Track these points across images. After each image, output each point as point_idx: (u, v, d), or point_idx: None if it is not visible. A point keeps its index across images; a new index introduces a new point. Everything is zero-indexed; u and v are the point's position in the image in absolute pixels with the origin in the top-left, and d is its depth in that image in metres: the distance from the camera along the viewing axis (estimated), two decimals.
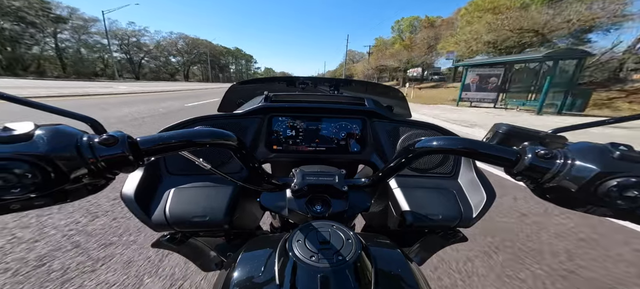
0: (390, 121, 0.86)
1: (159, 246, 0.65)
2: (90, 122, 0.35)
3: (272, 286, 0.36)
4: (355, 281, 0.34)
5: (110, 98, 12.18)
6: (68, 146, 0.30)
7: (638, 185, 0.28)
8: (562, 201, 0.35)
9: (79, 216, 2.16)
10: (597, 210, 0.33)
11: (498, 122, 0.42)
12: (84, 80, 35.41)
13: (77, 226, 2.03)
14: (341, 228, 0.42)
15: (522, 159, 0.35)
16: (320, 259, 0.35)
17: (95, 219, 2.14)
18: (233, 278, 0.40)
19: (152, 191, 0.65)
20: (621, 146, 0.31)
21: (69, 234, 1.92)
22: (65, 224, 2.03)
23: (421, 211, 0.64)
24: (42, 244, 1.79)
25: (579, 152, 0.32)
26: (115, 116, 7.16)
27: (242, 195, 0.71)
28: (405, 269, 0.42)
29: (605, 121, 0.38)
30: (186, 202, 0.63)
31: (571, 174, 0.32)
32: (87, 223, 2.08)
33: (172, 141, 0.37)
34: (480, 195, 0.66)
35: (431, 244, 0.72)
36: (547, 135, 0.40)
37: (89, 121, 0.35)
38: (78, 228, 2.01)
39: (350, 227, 0.91)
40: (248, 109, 0.84)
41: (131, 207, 0.59)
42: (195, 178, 0.70)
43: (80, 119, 0.35)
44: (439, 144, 0.41)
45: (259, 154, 0.85)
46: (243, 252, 0.45)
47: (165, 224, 0.60)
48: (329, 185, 0.57)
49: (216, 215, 0.62)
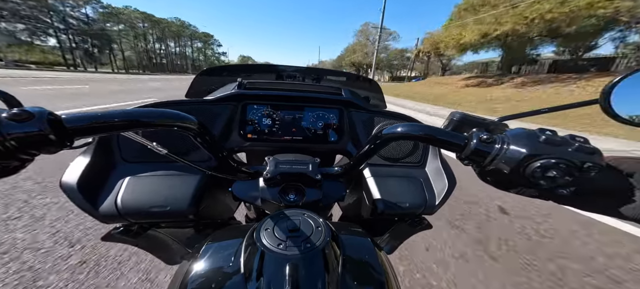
0: (366, 111, 0.87)
1: (111, 239, 0.60)
2: (2, 97, 0.30)
3: (237, 275, 0.35)
4: (322, 268, 0.35)
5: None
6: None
7: (556, 166, 0.31)
8: (499, 184, 0.38)
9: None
10: (526, 191, 0.36)
11: (454, 111, 0.46)
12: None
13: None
14: (312, 216, 0.42)
15: (469, 144, 0.37)
16: (289, 247, 0.36)
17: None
18: (194, 269, 0.38)
19: (102, 179, 0.59)
20: (547, 131, 0.34)
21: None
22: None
23: (391, 199, 0.66)
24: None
25: (513, 137, 0.35)
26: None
27: (214, 185, 0.68)
28: (372, 257, 0.43)
29: (541, 110, 0.43)
30: (143, 192, 0.58)
31: (506, 157, 0.34)
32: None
33: (111, 120, 0.32)
34: (443, 183, 0.70)
35: (400, 232, 0.75)
36: (493, 122, 0.43)
37: (1, 94, 0.29)
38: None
39: (328, 217, 0.95)
40: (219, 96, 0.81)
41: (72, 196, 0.52)
42: (157, 166, 0.64)
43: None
44: (402, 130, 0.43)
45: (232, 143, 0.82)
46: (208, 242, 0.43)
47: (116, 215, 0.55)
48: (302, 173, 0.57)
49: (179, 205, 0.58)
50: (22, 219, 1.92)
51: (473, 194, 2.87)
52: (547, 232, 2.27)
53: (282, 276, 0.32)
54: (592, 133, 6.65)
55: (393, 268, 0.45)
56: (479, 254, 1.92)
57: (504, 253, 1.95)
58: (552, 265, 1.84)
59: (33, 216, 1.96)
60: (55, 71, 30.56)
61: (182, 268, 0.42)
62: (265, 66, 1.20)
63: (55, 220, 1.94)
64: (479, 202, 2.74)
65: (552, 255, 1.95)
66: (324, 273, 0.34)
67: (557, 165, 0.31)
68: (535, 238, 2.17)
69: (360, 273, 0.40)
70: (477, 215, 2.49)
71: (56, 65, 47.54)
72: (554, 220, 2.47)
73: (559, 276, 1.74)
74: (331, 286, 0.34)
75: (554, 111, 0.41)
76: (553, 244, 2.11)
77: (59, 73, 26.03)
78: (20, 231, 1.79)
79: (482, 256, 1.89)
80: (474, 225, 2.31)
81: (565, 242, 2.14)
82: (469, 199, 2.77)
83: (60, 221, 1.93)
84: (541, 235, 2.22)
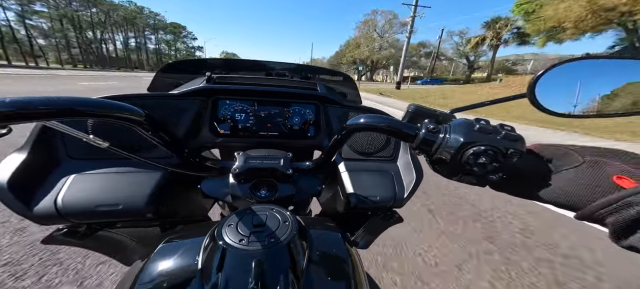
0: (341, 106, 0.88)
1: (52, 241, 0.54)
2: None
3: (194, 274, 0.34)
4: (288, 262, 0.34)
5: None
6: None
7: (485, 152, 0.33)
8: (443, 172, 0.40)
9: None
10: (465, 178, 0.39)
11: (411, 103, 0.48)
12: None
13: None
14: (280, 210, 0.42)
15: (419, 134, 0.39)
16: (251, 242, 0.35)
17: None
18: (147, 270, 0.35)
19: (40, 177, 0.53)
20: (482, 120, 0.36)
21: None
22: None
23: (363, 193, 0.67)
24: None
25: (454, 126, 0.37)
26: None
27: (182, 183, 0.64)
28: (341, 251, 0.43)
29: (483, 103, 0.47)
30: (90, 190, 0.53)
31: (447, 145, 0.36)
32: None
33: (35, 106, 0.28)
34: (411, 176, 0.72)
35: (374, 227, 0.76)
36: (443, 114, 0.46)
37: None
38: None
39: (306, 213, 0.93)
40: (186, 90, 0.76)
41: (1, 197, 0.47)
42: (111, 164, 0.59)
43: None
44: (364, 121, 0.44)
45: (203, 139, 0.79)
46: (164, 242, 0.41)
47: (55, 216, 0.50)
48: (273, 168, 0.56)
49: (134, 203, 0.54)
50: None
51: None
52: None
53: (243, 272, 0.31)
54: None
55: (361, 262, 0.46)
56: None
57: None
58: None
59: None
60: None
61: (134, 268, 0.39)
62: (239, 61, 1.16)
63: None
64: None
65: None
66: (287, 268, 0.34)
67: (486, 152, 0.33)
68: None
69: (327, 267, 0.39)
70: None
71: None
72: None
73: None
74: (296, 280, 0.34)
75: (493, 103, 0.45)
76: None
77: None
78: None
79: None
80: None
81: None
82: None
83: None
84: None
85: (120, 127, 0.38)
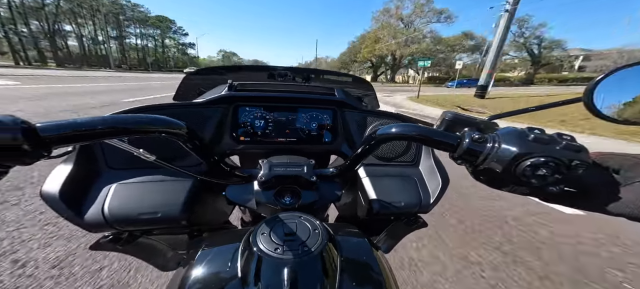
0: (359, 111, 0.87)
1: (99, 248, 0.58)
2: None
3: (234, 281, 0.35)
4: (321, 271, 0.35)
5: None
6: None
7: (546, 164, 0.32)
8: (492, 182, 0.39)
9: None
10: (518, 189, 0.37)
11: (446, 110, 0.46)
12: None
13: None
14: (308, 218, 0.42)
15: (462, 143, 0.38)
16: (286, 252, 0.35)
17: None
18: (191, 275, 0.37)
19: (85, 187, 0.57)
20: (536, 129, 0.34)
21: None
22: None
23: (386, 198, 0.67)
24: None
25: (504, 136, 0.35)
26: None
27: (206, 189, 0.67)
28: (370, 257, 0.43)
29: (528, 109, 0.45)
30: (131, 199, 0.57)
31: (497, 156, 0.35)
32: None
33: (91, 128, 0.31)
34: (436, 181, 0.70)
35: (396, 231, 0.75)
36: (484, 122, 0.43)
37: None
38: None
39: (324, 218, 0.95)
40: (209, 98, 0.79)
41: (54, 206, 0.51)
42: (145, 172, 0.63)
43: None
44: (396, 131, 0.43)
45: (225, 146, 0.81)
46: (203, 248, 0.42)
47: (104, 224, 0.54)
48: (297, 176, 0.56)
49: (171, 211, 0.57)
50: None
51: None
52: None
53: (280, 281, 0.32)
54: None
55: (391, 267, 0.45)
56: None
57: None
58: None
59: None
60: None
61: (178, 275, 0.41)
62: (257, 66, 1.20)
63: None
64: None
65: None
66: (322, 276, 0.34)
67: (547, 163, 0.31)
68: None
69: (359, 274, 0.39)
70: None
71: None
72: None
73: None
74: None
75: (541, 109, 0.42)
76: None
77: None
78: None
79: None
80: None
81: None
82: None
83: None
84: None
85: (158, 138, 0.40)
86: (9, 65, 28.25)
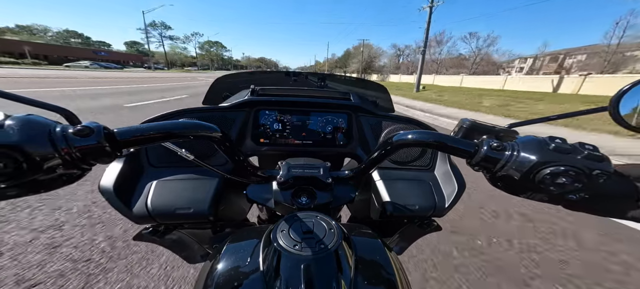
0: (374, 115, 0.88)
1: (141, 238, 0.64)
2: (64, 113, 0.35)
3: (257, 274, 0.37)
4: (336, 268, 0.36)
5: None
6: (39, 136, 0.30)
7: (566, 173, 0.32)
8: (509, 188, 0.39)
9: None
10: (536, 196, 0.37)
11: (463, 118, 0.46)
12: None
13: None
14: (324, 218, 0.44)
15: (479, 151, 0.38)
16: (304, 248, 0.37)
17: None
18: (218, 269, 0.40)
19: (133, 183, 0.64)
20: (557, 139, 0.35)
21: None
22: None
23: (400, 201, 0.67)
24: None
25: (524, 144, 0.36)
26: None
27: (228, 187, 0.70)
28: (383, 257, 0.44)
29: (550, 117, 0.43)
30: (169, 195, 0.62)
31: (516, 163, 0.35)
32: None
33: (152, 132, 0.37)
34: (452, 186, 0.70)
35: (409, 233, 0.76)
36: (503, 129, 0.44)
37: (62, 111, 0.34)
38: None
39: (337, 218, 0.96)
40: (234, 103, 0.84)
41: (110, 200, 0.58)
42: (178, 171, 0.69)
43: (54, 109, 0.34)
44: (413, 137, 0.44)
45: (246, 147, 0.85)
46: (228, 243, 0.46)
47: (148, 217, 0.60)
48: (314, 177, 0.58)
49: (200, 207, 0.61)
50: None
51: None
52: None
53: (298, 276, 0.34)
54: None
55: (403, 268, 0.46)
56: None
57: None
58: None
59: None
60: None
61: (206, 267, 0.45)
62: (276, 72, 1.26)
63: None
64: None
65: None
66: (337, 273, 0.36)
67: (567, 172, 0.32)
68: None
69: (372, 273, 0.41)
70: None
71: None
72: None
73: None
74: (344, 286, 0.35)
75: (563, 117, 0.41)
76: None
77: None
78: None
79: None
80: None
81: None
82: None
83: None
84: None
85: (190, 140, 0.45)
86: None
